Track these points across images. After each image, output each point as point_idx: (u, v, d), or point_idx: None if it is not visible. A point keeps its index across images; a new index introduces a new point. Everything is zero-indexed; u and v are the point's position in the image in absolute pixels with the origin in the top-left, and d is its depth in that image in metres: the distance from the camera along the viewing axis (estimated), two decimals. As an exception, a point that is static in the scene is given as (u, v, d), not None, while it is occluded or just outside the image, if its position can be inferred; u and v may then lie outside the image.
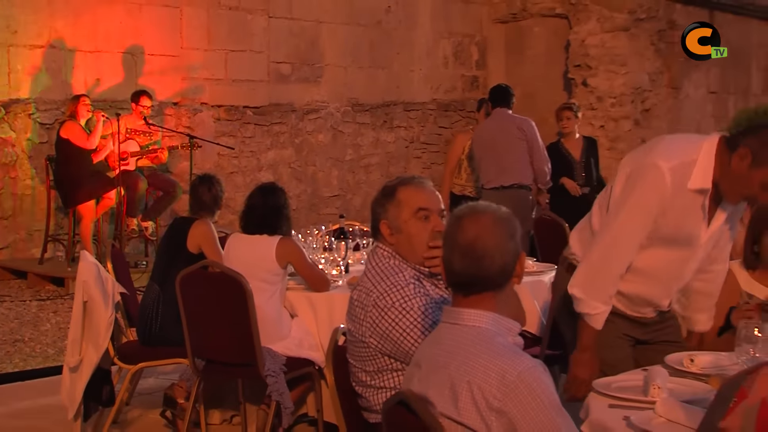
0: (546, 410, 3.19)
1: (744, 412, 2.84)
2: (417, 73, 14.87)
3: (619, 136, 14.75)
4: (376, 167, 14.30)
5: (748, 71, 17.85)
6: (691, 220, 4.66)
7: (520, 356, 3.27)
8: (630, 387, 4.07)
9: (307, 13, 13.24)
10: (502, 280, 3.40)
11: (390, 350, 4.29)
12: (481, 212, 3.44)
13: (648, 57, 15.15)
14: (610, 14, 14.89)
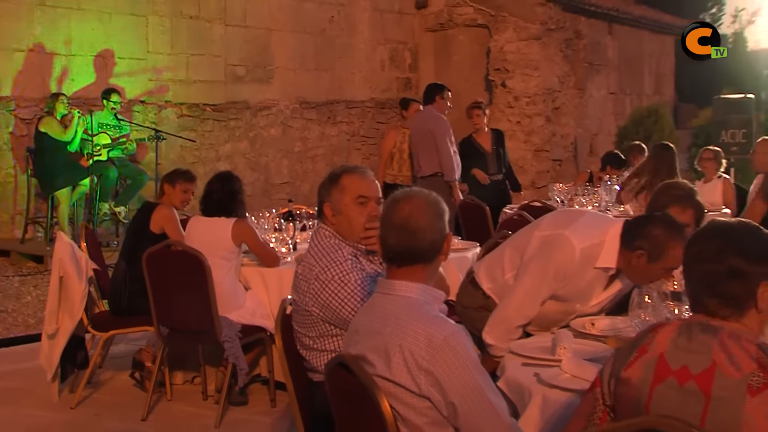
0: (468, 369, 3.21)
1: (644, 365, 2.85)
2: (357, 75, 14.88)
3: (533, 131, 14.85)
4: (321, 158, 14.31)
5: (641, 75, 18.03)
6: (590, 288, 4.76)
7: (446, 322, 3.29)
8: (540, 348, 4.10)
9: (260, 22, 13.19)
10: (431, 255, 3.40)
11: (330, 318, 4.35)
12: (415, 195, 3.47)
13: (557, 62, 15.27)
14: (525, 25, 14.99)
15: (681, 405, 2.72)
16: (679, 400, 2.74)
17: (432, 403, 3.22)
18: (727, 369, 2.69)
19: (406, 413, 3.24)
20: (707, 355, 2.74)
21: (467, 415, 3.22)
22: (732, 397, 2.66)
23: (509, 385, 3.88)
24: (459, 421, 3.23)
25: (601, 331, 4.33)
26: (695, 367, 2.74)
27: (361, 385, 3.24)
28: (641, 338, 2.94)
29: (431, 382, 3.18)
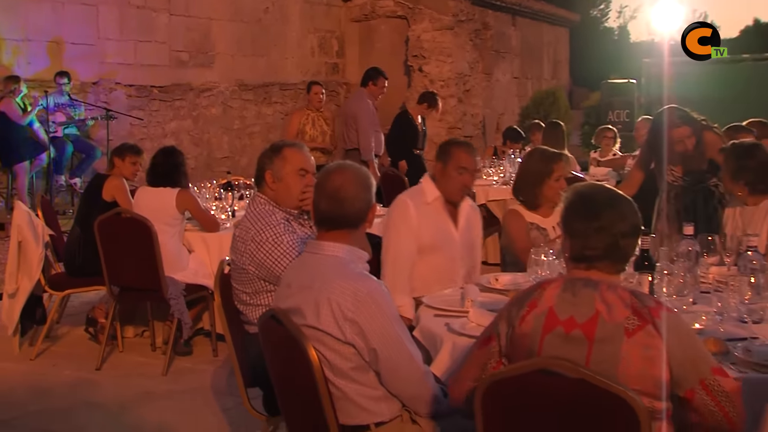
0: (388, 320, 3.26)
1: (535, 318, 2.91)
2: (290, 60, 14.80)
3: (447, 111, 14.88)
4: (258, 134, 14.22)
5: (540, 62, 18.16)
6: (441, 225, 4.99)
7: (369, 279, 3.34)
8: (450, 301, 4.11)
9: (201, 11, 13.03)
10: (357, 222, 3.45)
11: (265, 275, 4.39)
12: (347, 168, 3.52)
13: (467, 50, 15.34)
14: (439, 16, 15.05)
15: (568, 350, 2.80)
16: (566, 346, 2.82)
17: (356, 349, 3.25)
18: (607, 316, 2.79)
19: (333, 358, 3.27)
20: (590, 306, 2.82)
21: (387, 360, 3.26)
22: (612, 338, 2.76)
23: (423, 334, 3.91)
24: (379, 366, 3.28)
25: (503, 286, 4.37)
26: (580, 317, 2.82)
27: (291, 335, 3.27)
28: (530, 294, 3.01)
29: (356, 331, 3.22)
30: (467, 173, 4.99)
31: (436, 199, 5.04)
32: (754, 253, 4.04)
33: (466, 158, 5.02)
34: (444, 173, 5.01)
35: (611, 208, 2.93)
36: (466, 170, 4.98)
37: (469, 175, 5.02)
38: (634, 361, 2.74)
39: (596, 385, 2.62)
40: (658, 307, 2.82)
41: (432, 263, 4.94)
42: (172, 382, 6.22)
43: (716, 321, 3.61)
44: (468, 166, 5.00)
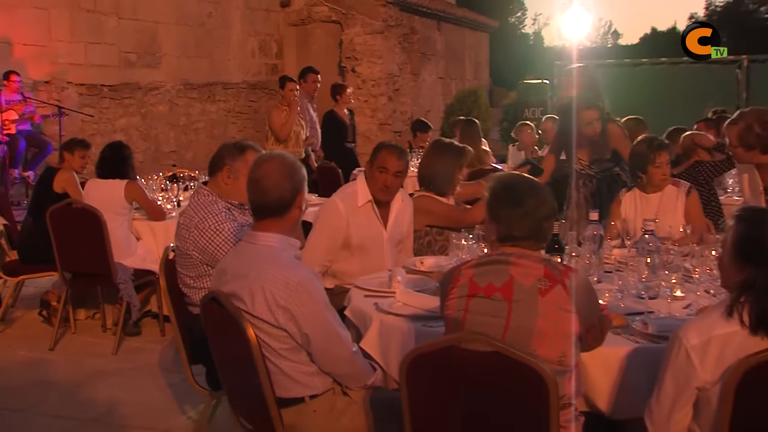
0: (318, 306, 3.25)
1: (459, 290, 2.98)
2: (232, 61, 14.67)
3: (378, 108, 14.92)
4: (202, 130, 14.09)
5: (463, 64, 18.23)
6: (371, 227, 4.93)
7: (300, 267, 3.33)
8: (378, 282, 4.11)
9: (148, 15, 12.85)
10: (281, 210, 3.37)
11: (207, 260, 4.39)
12: (272, 158, 3.45)
13: (396, 52, 15.36)
14: (370, 21, 15.03)
15: (490, 310, 2.88)
16: (488, 307, 2.89)
17: (288, 334, 3.25)
18: (522, 279, 2.87)
19: (268, 340, 3.26)
20: (506, 273, 2.90)
21: (318, 342, 3.26)
22: (527, 299, 2.85)
23: (354, 313, 3.91)
24: (311, 348, 3.28)
25: (428, 268, 4.37)
26: (498, 282, 2.90)
27: (230, 316, 3.25)
28: (452, 273, 3.07)
29: (288, 317, 3.21)
30: (387, 173, 4.86)
31: (368, 202, 4.93)
32: (651, 236, 4.12)
33: (387, 159, 4.89)
34: (370, 173, 4.94)
35: (533, 195, 3.00)
36: (386, 170, 4.85)
37: (390, 176, 4.86)
38: (549, 317, 2.83)
39: (509, 356, 2.67)
40: (567, 269, 2.94)
41: (361, 261, 4.88)
42: (122, 361, 6.17)
43: (617, 297, 3.68)
44: (388, 167, 4.86)
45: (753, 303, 2.73)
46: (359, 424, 3.40)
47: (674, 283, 3.73)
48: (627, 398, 3.14)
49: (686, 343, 2.77)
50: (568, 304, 2.83)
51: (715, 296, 3.55)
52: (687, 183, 5.35)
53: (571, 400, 2.92)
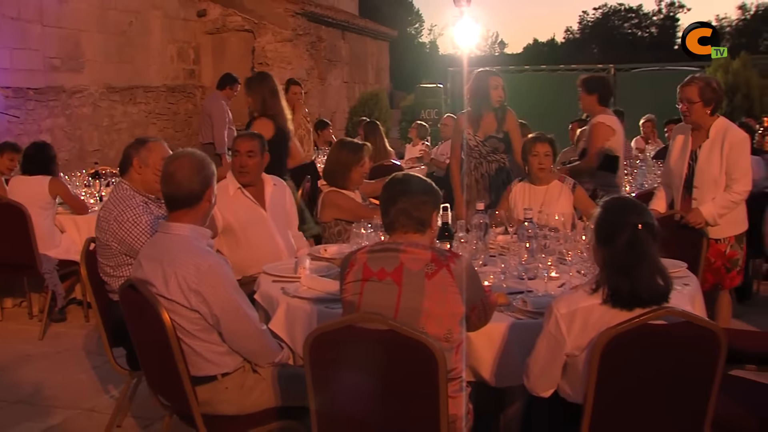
0: (228, 290, 3.24)
1: (354, 274, 2.99)
2: (152, 66, 14.36)
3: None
4: (125, 131, 13.75)
5: (366, 69, 18.24)
6: (246, 209, 4.96)
7: (210, 254, 3.30)
8: (285, 269, 4.09)
9: (71, 24, 12.45)
10: (192, 201, 3.34)
11: (126, 250, 4.31)
12: (184, 155, 3.43)
13: (305, 59, 15.28)
14: (280, 31, 14.94)
15: (383, 293, 2.90)
16: (381, 290, 2.90)
17: (200, 315, 3.22)
18: (410, 264, 2.89)
19: (181, 322, 3.23)
20: (396, 259, 2.92)
21: (228, 323, 3.25)
22: (416, 282, 2.87)
23: (263, 297, 3.87)
24: (222, 328, 3.26)
25: (331, 255, 4.35)
26: (389, 267, 2.91)
27: (146, 301, 3.21)
28: (348, 259, 3.07)
29: (200, 300, 3.19)
30: (240, 155, 4.97)
31: (237, 189, 4.98)
32: (530, 223, 4.18)
33: (238, 142, 5.03)
34: (232, 163, 5.09)
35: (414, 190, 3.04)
36: (239, 153, 4.98)
37: (243, 157, 4.95)
38: (435, 298, 2.85)
39: (401, 333, 2.68)
40: (452, 255, 2.97)
41: (250, 242, 4.87)
42: (48, 346, 6.01)
43: (500, 279, 3.73)
44: (239, 149, 4.98)
45: (609, 280, 2.82)
46: (268, 398, 3.40)
47: (550, 265, 3.79)
48: (509, 368, 3.19)
49: (557, 312, 2.87)
50: (452, 286, 2.86)
51: (585, 276, 3.63)
52: (572, 180, 5.46)
53: (458, 372, 2.95)
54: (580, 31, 64.38)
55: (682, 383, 2.86)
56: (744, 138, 5.03)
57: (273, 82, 6.52)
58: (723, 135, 5.00)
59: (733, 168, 4.96)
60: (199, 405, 3.28)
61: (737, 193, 4.98)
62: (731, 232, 5.13)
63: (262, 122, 6.26)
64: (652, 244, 2.81)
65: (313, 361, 2.82)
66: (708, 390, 2.85)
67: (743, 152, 4.99)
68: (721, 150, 4.98)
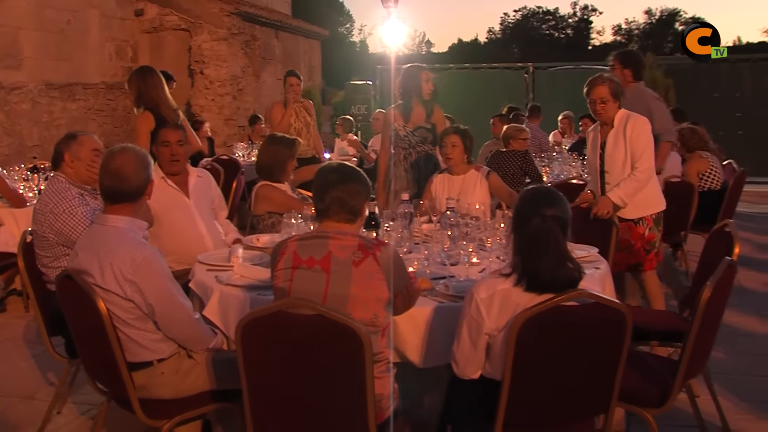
0: (162, 279, 3.20)
1: (284, 262, 2.95)
2: (90, 63, 14.01)
3: (224, 106, 14.65)
4: (64, 126, 13.38)
5: (299, 67, 18.10)
6: (168, 197, 4.87)
7: (145, 246, 3.26)
8: (219, 258, 4.04)
9: (9, 21, 12.07)
10: (136, 196, 3.31)
11: (63, 242, 4.23)
12: (127, 150, 3.37)
13: (240, 57, 15.13)
14: (216, 30, 14.75)
15: (312, 280, 2.88)
16: (310, 278, 2.88)
17: (135, 304, 3.18)
18: (338, 252, 2.88)
19: (117, 311, 3.18)
20: (325, 247, 2.90)
21: (162, 311, 3.21)
22: (343, 269, 2.86)
23: (197, 285, 3.82)
24: (156, 316, 3.22)
25: (263, 245, 4.31)
26: (318, 255, 2.89)
27: (83, 291, 3.15)
28: (279, 247, 3.04)
29: (135, 290, 3.14)
30: (170, 145, 4.93)
31: (161, 179, 4.89)
32: (452, 212, 4.20)
33: (167, 133, 4.99)
34: (156, 153, 5.00)
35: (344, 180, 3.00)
36: (169, 143, 4.94)
37: (174, 146, 4.93)
38: (362, 284, 2.84)
39: (329, 318, 2.67)
40: (379, 243, 2.96)
41: (172, 227, 4.79)
42: (-12, 336, 5.83)
43: (424, 265, 3.74)
44: (170, 139, 4.94)
45: (519, 265, 2.86)
46: (203, 382, 3.37)
47: (471, 252, 3.82)
48: (433, 349, 3.21)
49: (476, 297, 2.89)
50: (378, 273, 2.86)
51: (504, 261, 3.66)
52: (486, 168, 5.54)
53: (385, 355, 2.95)
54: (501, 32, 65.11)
55: (592, 359, 2.91)
56: (643, 121, 5.12)
57: (152, 75, 6.40)
58: (625, 121, 5.11)
59: (634, 148, 5.06)
60: (135, 390, 3.23)
61: (640, 171, 5.05)
62: (647, 211, 5.20)
63: (142, 115, 6.18)
64: (560, 234, 2.84)
65: (245, 346, 2.79)
66: (616, 365, 2.91)
67: (642, 133, 5.07)
68: (624, 135, 5.09)
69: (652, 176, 5.15)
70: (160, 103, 6.24)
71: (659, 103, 6.39)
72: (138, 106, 6.29)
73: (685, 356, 3.27)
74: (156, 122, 6.03)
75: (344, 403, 2.80)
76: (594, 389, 2.97)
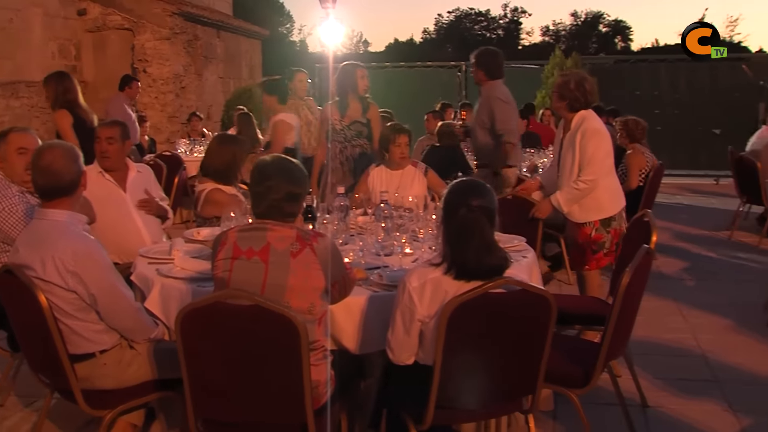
0: (103, 270, 3.14)
1: (224, 253, 2.93)
2: (33, 62, 13.63)
3: (167, 103, 14.43)
4: (7, 123, 12.99)
5: (240, 66, 17.95)
6: (103, 190, 4.78)
7: (86, 238, 3.19)
8: (160, 251, 3.98)
9: (-49, 20, 11.72)
10: (72, 189, 3.23)
11: (2, 238, 4.11)
12: (55, 146, 3.32)
13: (182, 56, 14.92)
14: (159, 29, 14.53)
15: (251, 271, 2.85)
16: (249, 268, 2.85)
17: (78, 295, 3.11)
18: (276, 244, 2.85)
19: (59, 303, 3.11)
20: (263, 238, 2.87)
21: (104, 302, 3.15)
22: (282, 260, 2.83)
23: (139, 278, 3.75)
24: (99, 306, 3.16)
25: (204, 238, 4.24)
26: (257, 246, 2.86)
27: (23, 285, 3.07)
28: (219, 238, 3.01)
29: (77, 281, 3.08)
30: (100, 142, 4.84)
31: (99, 173, 4.82)
32: (386, 205, 4.20)
33: (100, 130, 4.90)
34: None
35: (273, 177, 2.93)
36: (99, 139, 4.86)
37: (104, 144, 4.82)
38: (299, 274, 2.82)
39: (266, 308, 2.65)
40: (316, 235, 2.95)
41: (107, 219, 4.63)
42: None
43: (360, 256, 3.73)
44: (100, 135, 4.86)
45: (450, 254, 2.88)
46: (145, 372, 3.32)
47: (404, 242, 3.83)
48: (368, 337, 3.20)
49: (409, 286, 2.89)
50: (315, 264, 2.85)
51: (436, 251, 3.67)
52: (424, 165, 5.53)
53: (321, 343, 2.94)
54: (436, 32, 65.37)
55: (519, 343, 2.95)
56: (594, 130, 4.89)
57: (69, 80, 6.67)
58: (578, 127, 4.93)
59: (581, 156, 4.89)
60: (78, 381, 3.17)
61: (582, 181, 4.88)
62: (593, 216, 5.01)
63: (60, 113, 6.45)
64: (486, 224, 2.86)
65: (184, 336, 2.76)
66: (541, 348, 2.95)
67: (590, 142, 4.86)
68: (575, 141, 4.93)
69: (596, 187, 4.91)
70: (75, 105, 6.49)
71: (503, 105, 6.31)
72: (54, 107, 6.53)
73: (606, 338, 3.34)
74: (74, 120, 6.32)
75: (282, 390, 2.78)
76: (521, 371, 3.01)
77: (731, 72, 15.48)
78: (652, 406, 4.29)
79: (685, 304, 6.30)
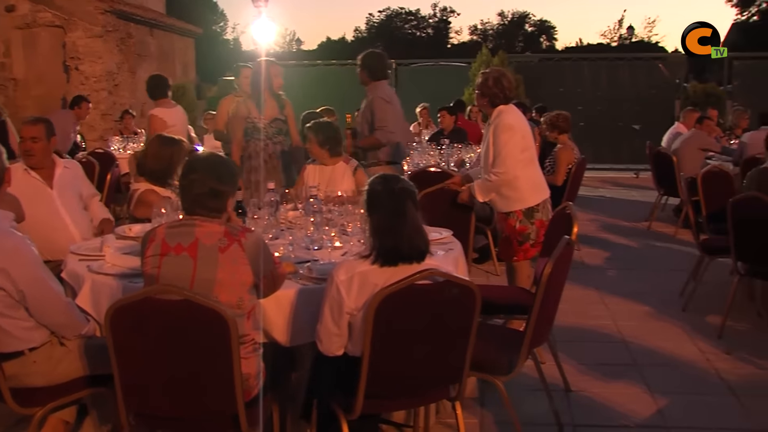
0: (32, 266, 3.06)
1: (153, 248, 2.89)
2: (-39, 59, 13.24)
3: (100, 101, 14.07)
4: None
5: (173, 64, 17.67)
6: (30, 188, 4.67)
7: (13, 234, 3.08)
8: (91, 248, 3.90)
9: None
10: None
11: None
12: None
13: (115, 53, 14.60)
14: (91, 27, 14.18)
15: (180, 266, 2.83)
16: (178, 264, 2.83)
17: (6, 292, 3.02)
18: (205, 239, 2.84)
19: (-14, 300, 2.99)
20: (192, 234, 2.85)
21: (33, 298, 3.07)
22: (210, 256, 2.82)
23: (69, 275, 3.66)
24: (28, 303, 3.07)
25: (135, 234, 4.17)
26: (185, 242, 2.84)
27: None
28: (148, 235, 2.97)
29: (5, 277, 2.98)
30: (25, 141, 4.74)
31: (24, 170, 4.70)
32: (315, 199, 4.19)
33: (23, 129, 4.79)
34: (19, 148, 4.86)
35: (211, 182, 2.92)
36: (23, 138, 4.78)
37: (28, 142, 4.71)
38: (227, 269, 2.81)
39: (195, 302, 2.63)
40: (244, 230, 2.93)
41: (35, 217, 4.53)
42: None
43: (289, 250, 3.72)
44: (24, 135, 4.77)
45: (376, 242, 2.90)
46: (76, 369, 3.25)
47: (333, 236, 3.83)
48: (298, 329, 3.19)
49: (336, 279, 2.90)
50: (243, 259, 2.84)
51: (364, 245, 3.68)
52: (355, 162, 5.52)
53: (251, 336, 2.93)
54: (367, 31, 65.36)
55: (445, 333, 2.98)
56: (506, 125, 4.95)
57: None
58: (494, 120, 5.02)
59: (494, 150, 4.97)
60: (6, 379, 3.09)
61: (494, 173, 4.96)
62: (515, 206, 5.08)
63: None
64: (411, 205, 2.92)
65: (114, 331, 2.71)
66: (467, 337, 2.99)
67: (501, 137, 4.92)
68: (488, 134, 5.03)
69: (507, 180, 4.97)
70: None
71: (385, 104, 6.36)
72: None
73: (529, 327, 3.40)
74: None
75: (213, 384, 2.76)
76: (447, 360, 3.04)
77: (649, 71, 15.95)
78: (575, 390, 4.39)
79: (607, 292, 6.46)
